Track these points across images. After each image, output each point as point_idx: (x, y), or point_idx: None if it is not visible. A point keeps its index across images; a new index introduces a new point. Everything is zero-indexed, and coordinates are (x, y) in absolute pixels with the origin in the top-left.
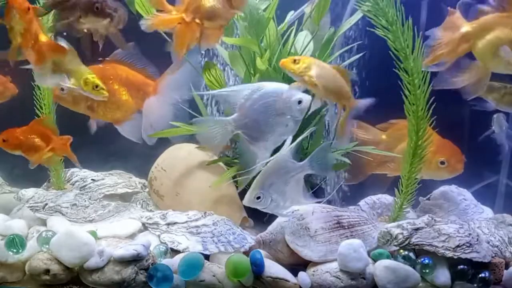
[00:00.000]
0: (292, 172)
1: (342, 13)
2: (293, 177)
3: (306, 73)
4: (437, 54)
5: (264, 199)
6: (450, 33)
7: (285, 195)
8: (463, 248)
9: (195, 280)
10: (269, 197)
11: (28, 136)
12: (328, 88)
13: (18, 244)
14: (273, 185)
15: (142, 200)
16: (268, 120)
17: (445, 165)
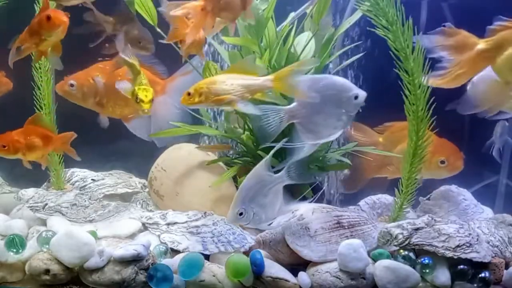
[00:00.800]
0: (269, 185)
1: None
2: (271, 189)
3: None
4: (454, 75)
5: (246, 215)
6: (463, 53)
7: (266, 208)
8: (463, 248)
9: (195, 280)
10: (251, 211)
11: (26, 137)
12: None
13: (18, 244)
14: (254, 199)
15: (142, 200)
16: (324, 112)
17: (445, 164)
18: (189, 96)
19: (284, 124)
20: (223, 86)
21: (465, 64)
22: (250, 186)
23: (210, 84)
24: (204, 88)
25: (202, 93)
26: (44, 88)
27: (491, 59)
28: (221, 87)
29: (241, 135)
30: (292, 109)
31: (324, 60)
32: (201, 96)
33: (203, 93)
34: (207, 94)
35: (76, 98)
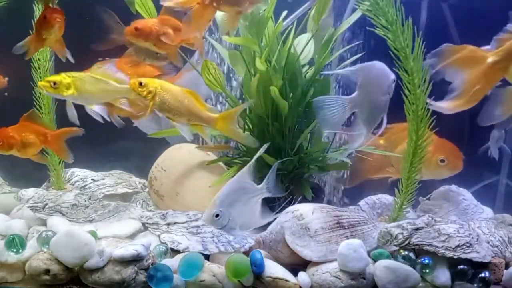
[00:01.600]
0: (250, 194)
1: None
2: (252, 199)
3: (151, 98)
4: (471, 93)
5: (222, 218)
6: (474, 68)
7: (243, 216)
8: (463, 248)
9: (195, 280)
10: (227, 216)
11: (21, 134)
12: (176, 112)
13: (18, 244)
14: (232, 204)
15: (142, 200)
16: (377, 100)
17: (445, 163)
18: (140, 86)
19: (347, 113)
20: (174, 101)
21: (479, 79)
22: (231, 190)
23: (165, 90)
24: (158, 89)
25: (152, 92)
26: None
27: (504, 70)
28: (172, 99)
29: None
30: (353, 98)
31: (324, 60)
32: (150, 93)
33: (154, 93)
34: (156, 96)
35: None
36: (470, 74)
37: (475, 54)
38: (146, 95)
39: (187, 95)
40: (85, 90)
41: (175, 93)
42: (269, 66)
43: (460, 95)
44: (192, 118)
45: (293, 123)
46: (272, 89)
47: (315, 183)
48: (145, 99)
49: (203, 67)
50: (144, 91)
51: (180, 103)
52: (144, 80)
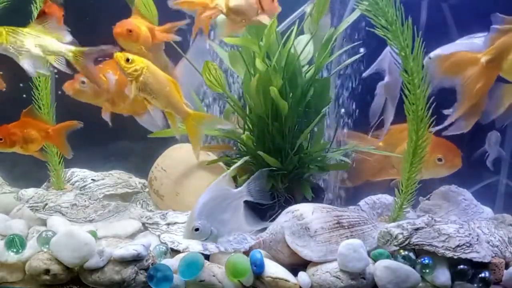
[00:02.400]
0: (228, 200)
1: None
2: (230, 204)
3: (136, 76)
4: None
5: (203, 230)
6: (468, 70)
7: (226, 224)
8: (463, 248)
9: (195, 280)
10: (209, 227)
11: (23, 130)
12: (156, 95)
13: (18, 244)
14: (211, 214)
15: (142, 200)
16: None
17: (443, 162)
18: (127, 62)
19: (381, 99)
20: (156, 85)
21: (476, 80)
22: (206, 201)
23: (150, 72)
24: (144, 69)
25: (138, 71)
26: (43, 88)
27: (498, 67)
28: (155, 83)
29: (241, 135)
30: (386, 83)
31: (323, 60)
32: (136, 72)
33: (140, 72)
34: (140, 76)
35: (87, 96)
36: (467, 77)
37: (466, 58)
38: (132, 73)
39: (169, 83)
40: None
41: (159, 77)
42: (269, 66)
43: (463, 100)
44: (168, 105)
45: (293, 123)
46: (272, 89)
47: (315, 183)
48: (128, 76)
49: (204, 68)
50: (129, 68)
51: (161, 88)
52: (132, 56)
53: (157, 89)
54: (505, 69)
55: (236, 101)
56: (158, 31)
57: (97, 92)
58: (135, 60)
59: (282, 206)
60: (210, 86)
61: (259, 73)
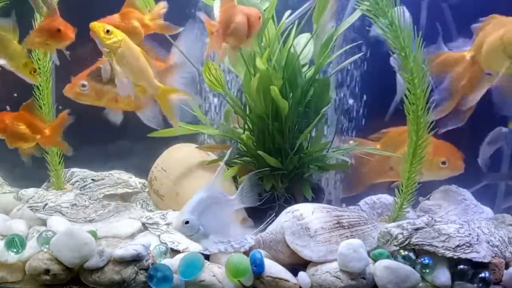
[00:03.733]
0: (223, 204)
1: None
2: (222, 209)
3: (114, 48)
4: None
5: (191, 225)
6: (457, 67)
7: (213, 227)
8: (463, 248)
9: (195, 280)
10: (198, 225)
11: (14, 122)
12: (131, 69)
13: (18, 244)
14: (203, 213)
15: (142, 200)
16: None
17: (446, 165)
18: (107, 33)
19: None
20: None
21: (465, 76)
22: (201, 199)
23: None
24: (122, 42)
25: (116, 43)
26: (44, 88)
27: (481, 61)
28: (131, 56)
29: (241, 135)
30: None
31: (324, 60)
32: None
33: (118, 45)
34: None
35: (88, 98)
36: (455, 74)
37: (453, 56)
38: (111, 45)
39: (142, 57)
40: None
41: (135, 51)
42: (269, 66)
43: (454, 95)
44: (141, 79)
45: (293, 123)
46: (272, 89)
47: (315, 183)
48: (106, 47)
49: (204, 68)
50: (109, 40)
51: (136, 62)
52: (112, 28)
53: (132, 62)
54: (481, 62)
55: (236, 100)
56: (149, 20)
57: (98, 93)
58: (114, 32)
59: (282, 207)
60: (210, 86)
61: (259, 72)
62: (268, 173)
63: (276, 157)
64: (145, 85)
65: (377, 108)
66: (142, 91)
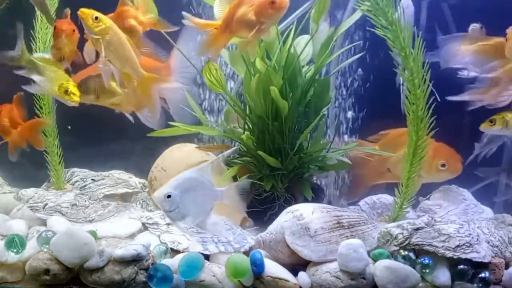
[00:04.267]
0: (207, 192)
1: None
2: (206, 197)
3: (103, 35)
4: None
5: (173, 202)
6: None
7: (193, 210)
8: (463, 248)
9: (195, 280)
10: (178, 203)
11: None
12: (118, 56)
13: (18, 244)
14: (187, 192)
15: (142, 200)
16: None
17: (445, 167)
18: (95, 20)
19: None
20: (118, 46)
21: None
22: (189, 178)
23: (114, 32)
24: (110, 29)
25: (104, 30)
26: None
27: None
28: (118, 44)
29: (241, 135)
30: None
31: (324, 60)
32: (103, 31)
33: (106, 32)
34: (106, 36)
35: (89, 98)
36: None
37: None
38: (99, 32)
39: (128, 45)
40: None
41: (122, 38)
42: (269, 66)
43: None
44: (126, 66)
45: (293, 123)
46: (272, 89)
47: (315, 183)
48: (93, 34)
49: (205, 68)
50: (97, 27)
51: (123, 49)
52: (100, 14)
53: (119, 49)
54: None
55: (236, 100)
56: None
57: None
58: (102, 19)
59: (282, 207)
60: (210, 86)
61: (259, 73)
62: (268, 173)
63: (276, 157)
64: (130, 72)
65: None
66: (127, 78)
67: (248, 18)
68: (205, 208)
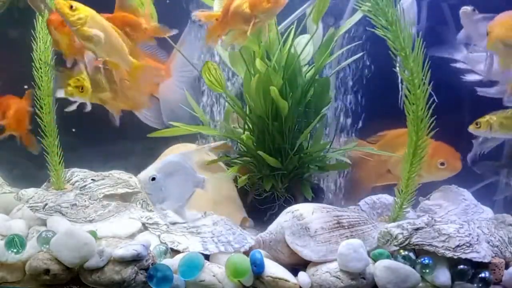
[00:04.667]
0: (188, 178)
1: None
2: (187, 183)
3: (80, 25)
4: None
5: (157, 183)
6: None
7: (172, 195)
8: (463, 248)
9: (195, 280)
10: (161, 186)
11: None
12: (101, 45)
13: (18, 244)
14: (169, 176)
15: (142, 200)
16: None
17: (445, 166)
18: (71, 9)
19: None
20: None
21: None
22: (173, 162)
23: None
24: (89, 18)
25: (82, 19)
26: (44, 88)
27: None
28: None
29: (241, 135)
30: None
31: (324, 60)
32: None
33: (84, 21)
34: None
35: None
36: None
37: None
38: (75, 21)
39: (114, 32)
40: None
41: (104, 26)
42: (269, 66)
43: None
44: (113, 54)
45: (293, 123)
46: (272, 89)
47: (315, 183)
48: (72, 24)
49: (204, 68)
50: (73, 16)
51: (106, 38)
52: (76, 4)
53: (102, 39)
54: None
55: (236, 100)
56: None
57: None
58: (79, 8)
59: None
60: (210, 86)
61: (259, 73)
62: (268, 173)
63: (276, 157)
64: (118, 61)
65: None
66: (115, 67)
67: (242, 11)
68: (185, 193)
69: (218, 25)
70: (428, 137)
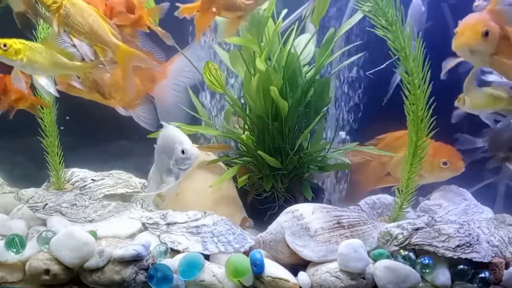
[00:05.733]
0: (166, 168)
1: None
2: (163, 172)
3: (55, 8)
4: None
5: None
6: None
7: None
8: (463, 248)
9: (195, 280)
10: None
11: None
12: (79, 29)
13: (18, 244)
14: (159, 165)
15: (142, 200)
16: None
17: (447, 165)
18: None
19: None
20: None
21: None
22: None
23: (71, 3)
24: (65, 1)
25: (57, 2)
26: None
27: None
28: (77, 15)
29: (241, 135)
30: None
31: (324, 60)
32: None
33: (59, 4)
34: (61, 9)
35: (80, 91)
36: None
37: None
38: (50, 5)
39: (93, 14)
40: (34, 60)
41: (82, 8)
42: (269, 66)
43: None
44: (94, 38)
45: (293, 123)
46: (272, 89)
47: (315, 183)
48: (48, 9)
49: (204, 68)
50: (48, 0)
51: (84, 20)
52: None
53: (80, 22)
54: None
55: (236, 100)
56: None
57: (89, 87)
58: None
59: (282, 207)
60: (210, 86)
61: (259, 73)
62: (268, 173)
63: (276, 157)
64: (102, 44)
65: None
66: (101, 52)
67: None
68: (158, 184)
69: (201, 15)
70: (428, 138)
